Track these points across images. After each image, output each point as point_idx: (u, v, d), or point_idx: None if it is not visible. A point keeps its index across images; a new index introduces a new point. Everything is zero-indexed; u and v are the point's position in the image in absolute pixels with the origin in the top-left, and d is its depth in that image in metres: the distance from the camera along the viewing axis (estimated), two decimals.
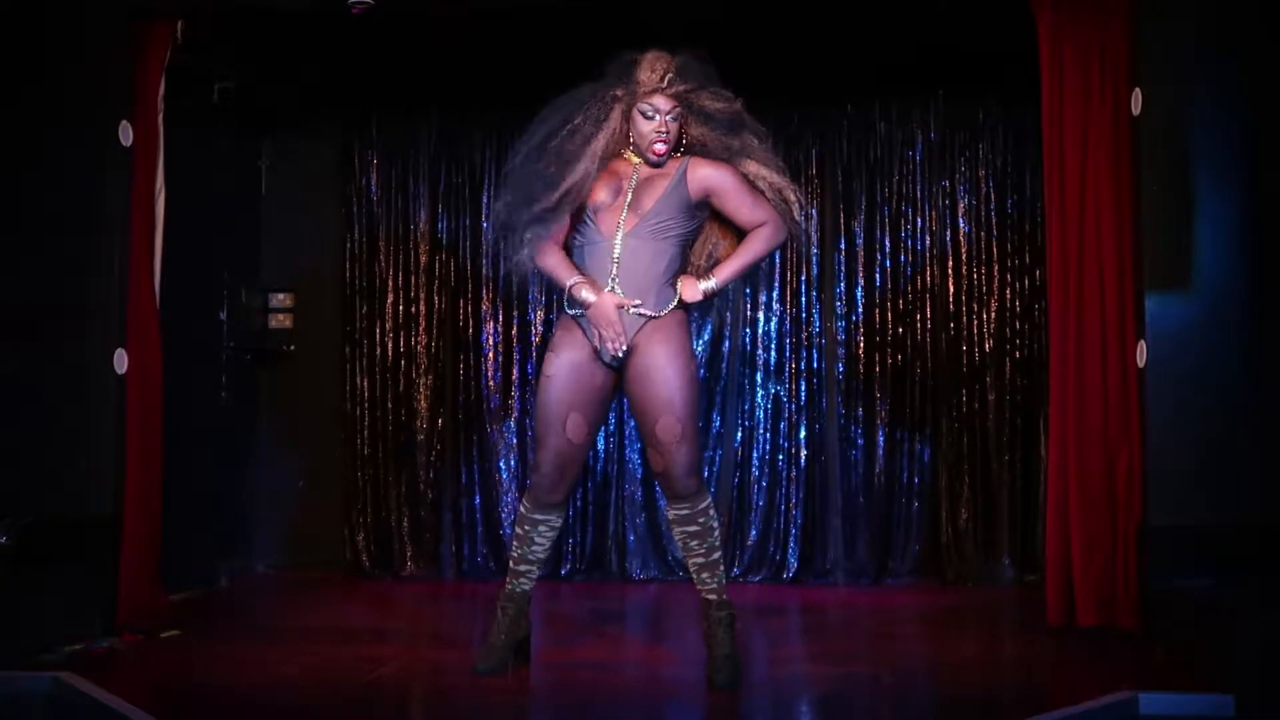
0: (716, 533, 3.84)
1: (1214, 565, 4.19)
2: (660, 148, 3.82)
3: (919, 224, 6.25)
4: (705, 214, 3.92)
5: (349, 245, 6.53)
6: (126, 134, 4.64)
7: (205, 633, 4.71)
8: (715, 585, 3.82)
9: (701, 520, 3.80)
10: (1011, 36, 4.91)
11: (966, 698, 3.75)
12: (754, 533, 6.20)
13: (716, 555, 3.83)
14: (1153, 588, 4.27)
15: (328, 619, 5.16)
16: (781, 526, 6.19)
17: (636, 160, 3.89)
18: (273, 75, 6.09)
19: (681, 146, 3.91)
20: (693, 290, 3.84)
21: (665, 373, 3.76)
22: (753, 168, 3.89)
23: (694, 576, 3.85)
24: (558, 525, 3.94)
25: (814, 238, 6.29)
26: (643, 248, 3.80)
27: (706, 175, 3.84)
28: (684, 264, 3.92)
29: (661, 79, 3.79)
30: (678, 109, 3.82)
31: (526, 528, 3.92)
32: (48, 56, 4.63)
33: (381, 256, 6.50)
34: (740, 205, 3.87)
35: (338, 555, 6.43)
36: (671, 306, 3.82)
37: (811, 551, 6.17)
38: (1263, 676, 3.37)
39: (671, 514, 3.86)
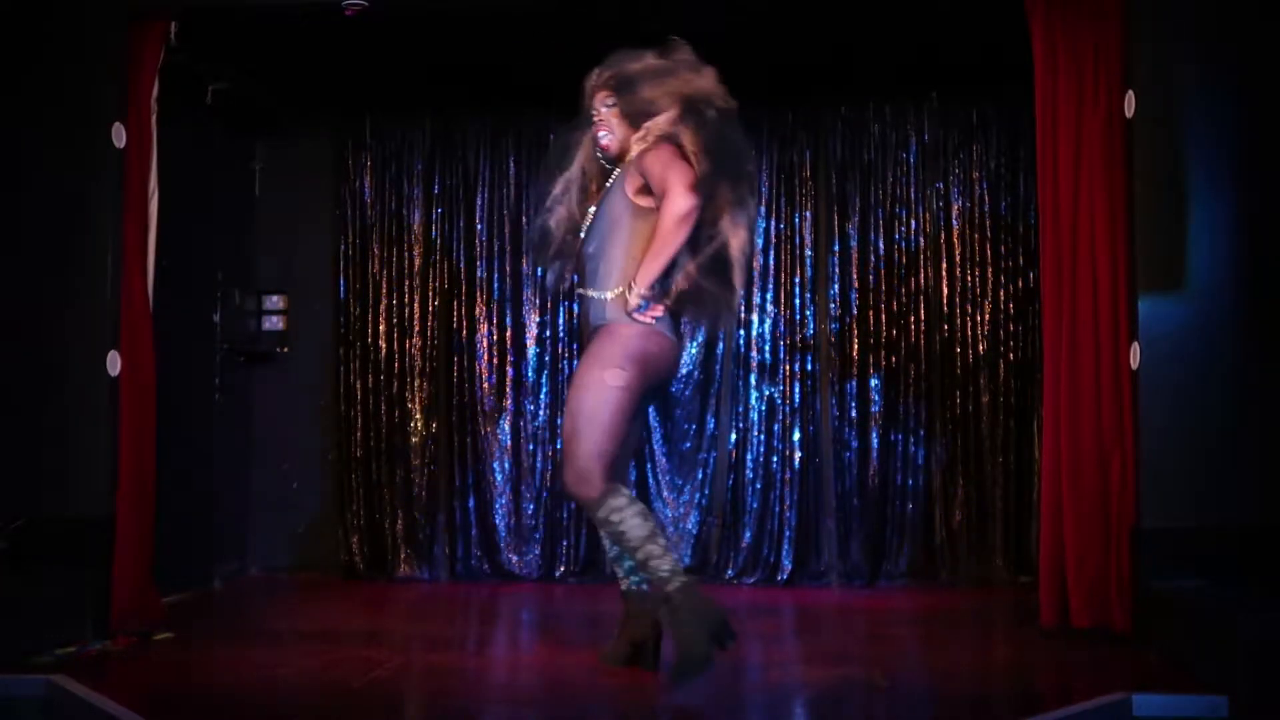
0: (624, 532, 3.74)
1: (1207, 567, 4.20)
2: (602, 138, 3.98)
3: (913, 225, 6.26)
4: (654, 201, 3.81)
5: (342, 247, 6.53)
6: (119, 136, 4.64)
7: (199, 635, 4.70)
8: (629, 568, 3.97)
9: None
10: (1005, 38, 4.92)
11: (960, 699, 3.75)
12: (748, 535, 6.20)
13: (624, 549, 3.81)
14: (1146, 589, 4.28)
15: (322, 621, 5.15)
16: (775, 529, 6.19)
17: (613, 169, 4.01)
18: (266, 77, 6.07)
19: (642, 127, 3.89)
20: (627, 303, 3.80)
21: (578, 374, 3.81)
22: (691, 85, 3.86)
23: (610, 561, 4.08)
24: None
25: (808, 239, 6.31)
26: (595, 241, 3.89)
27: (639, 158, 3.84)
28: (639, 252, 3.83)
29: (593, 79, 3.99)
30: (611, 97, 3.96)
31: None
32: (40, 59, 4.63)
33: (375, 258, 6.50)
34: (655, 184, 3.78)
35: (332, 557, 6.43)
36: (612, 309, 3.81)
37: (805, 554, 6.17)
38: (1255, 677, 3.37)
39: None
